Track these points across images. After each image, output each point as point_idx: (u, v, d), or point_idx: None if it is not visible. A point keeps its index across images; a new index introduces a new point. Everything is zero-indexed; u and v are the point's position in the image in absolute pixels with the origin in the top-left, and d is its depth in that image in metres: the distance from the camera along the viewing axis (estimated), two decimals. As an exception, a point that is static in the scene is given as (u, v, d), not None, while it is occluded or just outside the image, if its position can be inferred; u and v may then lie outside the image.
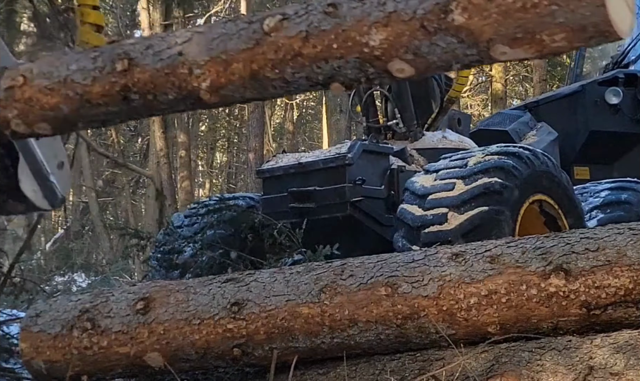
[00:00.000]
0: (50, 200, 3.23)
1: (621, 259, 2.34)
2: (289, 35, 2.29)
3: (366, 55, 2.19)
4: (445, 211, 4.46)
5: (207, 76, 2.41)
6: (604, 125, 7.58)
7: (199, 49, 2.43)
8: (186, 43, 2.47)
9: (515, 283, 2.43)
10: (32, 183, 3.15)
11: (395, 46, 2.14)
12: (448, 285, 2.48)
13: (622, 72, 7.88)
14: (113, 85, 2.55)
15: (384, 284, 2.53)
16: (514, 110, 8.42)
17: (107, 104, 2.60)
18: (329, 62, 2.24)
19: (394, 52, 2.15)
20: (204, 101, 2.48)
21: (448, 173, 4.65)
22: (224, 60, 2.39)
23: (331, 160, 5.38)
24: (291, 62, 2.30)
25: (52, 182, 3.22)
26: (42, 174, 3.18)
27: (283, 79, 2.34)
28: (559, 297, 2.39)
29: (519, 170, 4.60)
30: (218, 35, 2.43)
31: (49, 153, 3.21)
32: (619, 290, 2.34)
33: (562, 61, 21.43)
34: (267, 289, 2.65)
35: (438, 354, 2.51)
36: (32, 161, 3.16)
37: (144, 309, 2.72)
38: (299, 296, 2.60)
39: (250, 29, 2.37)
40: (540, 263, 2.42)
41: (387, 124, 6.34)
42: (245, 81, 2.39)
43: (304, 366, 2.67)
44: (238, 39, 2.38)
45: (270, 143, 23.78)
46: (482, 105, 24.58)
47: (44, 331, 2.83)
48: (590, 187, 5.98)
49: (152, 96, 2.52)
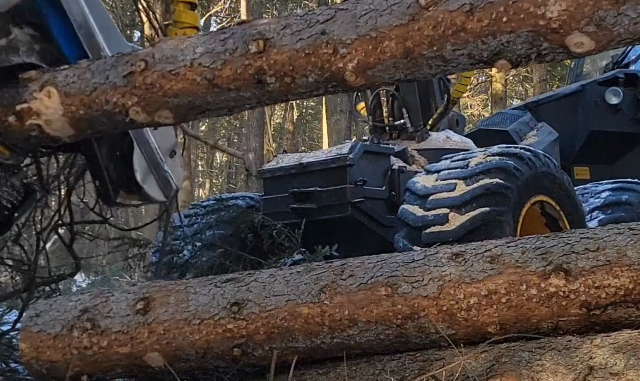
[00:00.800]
0: (164, 191, 3.07)
1: (621, 259, 2.34)
2: (450, 9, 2.10)
3: (541, 28, 1.98)
4: (447, 211, 4.46)
5: (354, 56, 2.25)
6: (604, 125, 7.59)
7: (345, 27, 2.25)
8: (329, 21, 2.29)
9: (515, 283, 2.42)
10: (147, 173, 3.00)
11: (576, 17, 1.94)
12: (448, 285, 2.48)
13: (622, 72, 7.88)
14: (246, 68, 2.39)
15: (384, 284, 2.53)
16: (514, 110, 8.42)
17: (238, 89, 2.44)
18: (496, 37, 2.05)
19: (574, 24, 1.95)
20: (348, 83, 2.31)
21: (449, 174, 4.66)
22: (374, 38, 2.20)
23: (332, 160, 5.38)
24: (452, 38, 2.12)
25: (167, 172, 3.05)
26: (156, 163, 3.01)
27: (441, 56, 2.16)
28: (559, 297, 2.39)
29: (521, 171, 4.60)
30: (365, 12, 2.25)
31: (161, 141, 3.03)
32: (619, 290, 2.34)
33: (562, 61, 21.43)
34: (267, 289, 2.64)
35: (438, 354, 2.51)
36: (147, 149, 2.99)
37: (144, 309, 2.72)
38: (299, 297, 2.60)
39: (404, 4, 2.20)
40: (540, 263, 2.42)
41: (395, 124, 6.35)
42: (398, 60, 2.22)
43: (304, 366, 2.67)
44: (390, 15, 2.20)
45: (270, 143, 23.77)
46: (482, 105, 24.57)
47: (44, 331, 2.83)
48: (590, 188, 5.98)
49: (290, 79, 2.36)
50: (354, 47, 2.24)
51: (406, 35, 2.16)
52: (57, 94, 2.71)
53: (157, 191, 3.04)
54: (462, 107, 22.05)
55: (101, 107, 2.63)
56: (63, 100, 2.71)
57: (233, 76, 2.41)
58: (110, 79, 2.64)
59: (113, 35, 2.94)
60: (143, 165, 2.99)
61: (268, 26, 2.40)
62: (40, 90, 2.75)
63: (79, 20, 2.87)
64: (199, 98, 2.50)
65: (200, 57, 2.48)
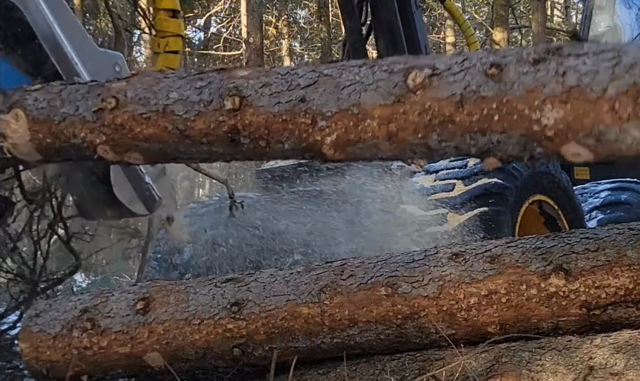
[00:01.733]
0: (147, 204, 2.93)
1: (621, 259, 2.34)
2: (439, 96, 1.93)
3: (535, 133, 1.81)
4: (445, 211, 4.46)
5: (333, 130, 2.07)
6: (604, 125, 7.58)
7: (327, 97, 2.08)
8: (310, 87, 2.12)
9: (515, 283, 2.43)
10: (126, 187, 2.86)
11: (575, 128, 1.77)
12: (448, 285, 2.48)
13: (621, 72, 7.88)
14: (220, 124, 2.23)
15: (384, 284, 2.53)
16: (514, 111, 8.42)
17: (211, 144, 2.28)
18: (486, 135, 1.88)
19: (571, 134, 1.78)
20: (326, 156, 2.14)
21: (448, 174, 4.66)
22: (355, 114, 2.04)
23: (331, 160, 5.38)
24: (439, 128, 1.94)
25: (148, 184, 2.92)
26: (136, 175, 2.89)
27: (426, 145, 1.98)
28: (559, 297, 2.39)
29: (519, 170, 4.60)
30: (350, 83, 2.07)
31: None
32: (619, 290, 2.34)
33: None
34: (267, 289, 2.64)
35: (438, 354, 2.51)
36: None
37: (143, 309, 2.72)
38: (299, 297, 2.60)
39: (391, 82, 2.01)
40: (540, 263, 2.42)
41: None
42: (379, 142, 2.04)
43: (304, 366, 2.67)
44: (375, 92, 2.02)
45: (270, 143, 23.71)
46: (482, 106, 24.55)
47: (44, 331, 2.83)
48: (590, 188, 5.98)
49: (264, 143, 2.20)
50: (334, 120, 2.07)
51: (390, 117, 2.00)
52: (25, 118, 2.58)
53: (138, 205, 2.91)
54: (462, 107, 22.03)
55: (69, 139, 2.51)
56: (30, 126, 2.58)
57: (206, 130, 2.26)
58: (80, 111, 2.50)
59: (84, 44, 2.83)
60: (121, 179, 2.86)
61: (246, 81, 2.23)
62: (8, 112, 2.61)
63: (44, 31, 2.76)
64: (170, 147, 2.36)
65: (174, 104, 2.32)
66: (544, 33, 17.81)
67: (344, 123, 2.05)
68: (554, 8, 25.63)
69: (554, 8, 25.63)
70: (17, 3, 2.74)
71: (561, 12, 26.12)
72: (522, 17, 24.09)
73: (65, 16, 2.85)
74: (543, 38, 17.69)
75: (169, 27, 3.82)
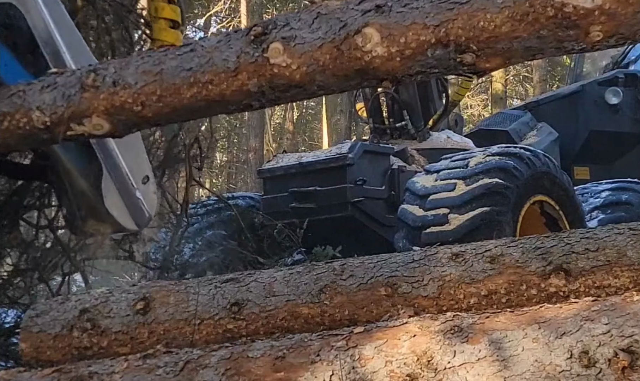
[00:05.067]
0: (136, 219, 2.89)
1: (621, 259, 2.34)
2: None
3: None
4: (446, 211, 4.47)
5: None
6: (604, 125, 7.59)
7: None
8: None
9: (515, 284, 2.42)
10: (117, 200, 2.82)
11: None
12: (448, 285, 2.48)
13: (622, 72, 7.89)
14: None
15: (384, 284, 2.53)
16: (515, 110, 8.43)
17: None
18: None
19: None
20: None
21: (449, 174, 4.66)
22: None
23: (332, 160, 5.39)
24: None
25: (139, 199, 2.88)
26: (127, 190, 2.83)
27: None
28: (559, 297, 2.39)
29: (520, 171, 4.60)
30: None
31: (133, 166, 2.84)
32: (619, 290, 2.34)
33: (562, 61, 21.44)
34: (266, 289, 2.64)
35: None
36: (117, 175, 2.80)
37: (144, 309, 2.72)
38: (298, 297, 2.60)
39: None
40: (540, 263, 2.42)
41: (396, 125, 6.36)
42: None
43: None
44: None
45: (270, 143, 23.79)
46: (482, 105, 24.59)
47: (44, 331, 2.83)
48: (590, 188, 5.98)
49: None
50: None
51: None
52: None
53: (128, 219, 2.87)
54: (462, 107, 22.06)
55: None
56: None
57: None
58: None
59: (81, 54, 2.81)
60: (113, 192, 2.82)
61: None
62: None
63: (44, 36, 2.75)
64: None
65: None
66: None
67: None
68: (555, 8, 25.59)
69: (555, 8, 25.59)
70: (18, 5, 2.73)
71: (562, 12, 26.09)
72: (523, 17, 24.04)
73: (64, 23, 2.84)
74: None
75: (167, 37, 3.76)
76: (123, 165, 2.84)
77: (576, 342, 1.73)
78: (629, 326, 1.70)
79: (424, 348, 1.89)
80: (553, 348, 1.74)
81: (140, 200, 2.90)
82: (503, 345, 1.80)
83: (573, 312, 1.79)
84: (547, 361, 1.73)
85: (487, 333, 1.85)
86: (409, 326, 1.97)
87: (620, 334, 1.69)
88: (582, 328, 1.74)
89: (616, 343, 1.69)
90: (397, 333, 1.96)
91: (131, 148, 2.82)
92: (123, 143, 2.76)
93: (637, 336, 1.66)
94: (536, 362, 1.74)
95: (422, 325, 1.93)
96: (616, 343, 1.68)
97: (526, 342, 1.78)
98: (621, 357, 1.66)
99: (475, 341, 1.86)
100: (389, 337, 1.96)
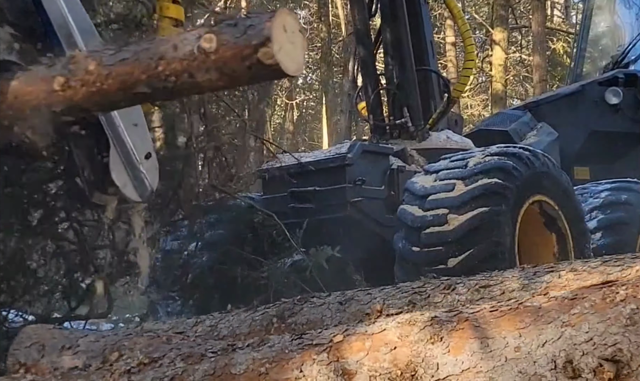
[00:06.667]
0: (140, 192, 3.04)
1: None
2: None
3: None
4: (446, 212, 4.45)
5: None
6: (604, 125, 7.59)
7: None
8: None
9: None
10: (123, 173, 2.98)
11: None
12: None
13: (622, 72, 7.88)
14: None
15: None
16: (514, 110, 8.42)
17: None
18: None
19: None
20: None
21: (448, 174, 4.64)
22: None
23: (331, 160, 5.38)
24: None
25: (142, 172, 3.05)
26: (132, 163, 3.00)
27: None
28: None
29: (519, 170, 4.59)
30: None
31: (137, 142, 3.02)
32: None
33: (562, 61, 21.45)
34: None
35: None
36: (123, 150, 2.98)
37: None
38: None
39: None
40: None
41: (396, 123, 6.34)
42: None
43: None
44: None
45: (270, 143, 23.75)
46: (482, 105, 24.58)
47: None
48: (590, 188, 5.97)
49: None
50: None
51: None
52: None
53: (133, 191, 3.01)
54: (462, 107, 22.06)
55: None
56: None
57: None
58: None
59: (91, 39, 2.93)
60: (119, 165, 2.97)
61: None
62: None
63: (58, 20, 2.86)
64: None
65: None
66: (544, 33, 17.81)
67: None
68: (554, 8, 25.62)
69: (554, 8, 25.62)
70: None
71: (561, 12, 26.11)
72: (522, 17, 24.10)
73: (77, 9, 2.95)
74: (543, 38, 17.70)
75: (170, 35, 3.85)
76: (128, 141, 2.98)
77: (559, 351, 1.64)
78: (611, 333, 1.62)
79: (406, 361, 1.81)
80: (536, 357, 1.65)
81: (143, 173, 3.03)
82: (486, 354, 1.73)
83: (553, 316, 1.71)
84: (531, 372, 1.65)
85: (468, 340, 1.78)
86: (389, 335, 1.88)
87: (603, 342, 1.61)
88: (564, 335, 1.65)
89: (600, 352, 1.60)
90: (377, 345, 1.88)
91: (135, 125, 2.96)
92: (128, 121, 2.92)
93: (620, 345, 1.59)
94: (520, 374, 1.66)
95: (402, 333, 1.85)
96: (600, 352, 1.60)
97: (509, 352, 1.70)
98: (606, 368, 1.60)
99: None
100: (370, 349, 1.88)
